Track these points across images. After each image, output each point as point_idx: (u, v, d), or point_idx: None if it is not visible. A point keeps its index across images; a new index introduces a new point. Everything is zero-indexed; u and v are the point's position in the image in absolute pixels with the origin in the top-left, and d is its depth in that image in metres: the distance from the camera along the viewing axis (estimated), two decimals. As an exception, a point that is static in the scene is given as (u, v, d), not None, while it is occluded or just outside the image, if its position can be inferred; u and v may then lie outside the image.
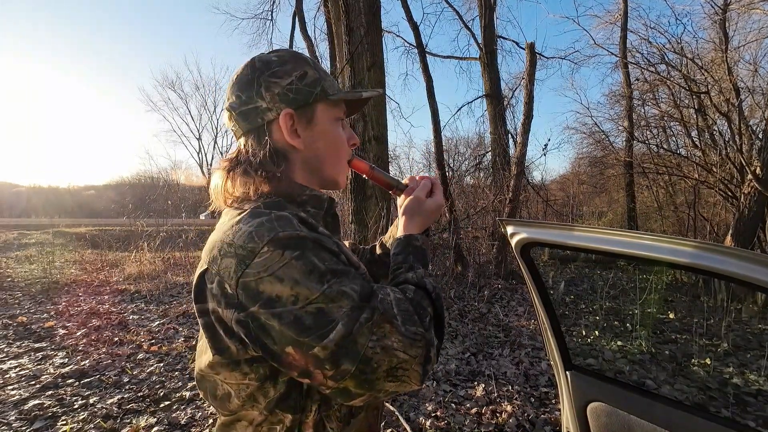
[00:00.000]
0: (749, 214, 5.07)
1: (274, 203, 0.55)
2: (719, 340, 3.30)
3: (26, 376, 2.58)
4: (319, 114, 0.60)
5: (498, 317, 4.02)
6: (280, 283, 0.45)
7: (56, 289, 5.15)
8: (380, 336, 0.47)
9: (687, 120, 7.44)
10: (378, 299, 0.50)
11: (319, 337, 0.45)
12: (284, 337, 0.46)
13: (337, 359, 0.46)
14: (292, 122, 0.58)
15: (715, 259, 0.74)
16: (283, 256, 0.46)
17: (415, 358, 0.49)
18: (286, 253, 0.46)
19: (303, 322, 0.45)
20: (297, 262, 0.46)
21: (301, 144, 0.59)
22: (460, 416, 2.16)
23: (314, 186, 0.64)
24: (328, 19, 6.87)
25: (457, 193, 7.82)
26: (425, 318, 0.53)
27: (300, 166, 0.62)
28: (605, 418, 1.05)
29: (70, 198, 33.71)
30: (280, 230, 0.48)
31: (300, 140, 0.59)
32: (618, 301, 4.54)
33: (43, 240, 10.53)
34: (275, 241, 0.47)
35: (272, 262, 0.46)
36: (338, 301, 0.46)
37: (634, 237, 0.85)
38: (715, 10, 6.30)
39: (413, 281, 0.58)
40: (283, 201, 0.57)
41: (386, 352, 0.47)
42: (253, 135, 0.59)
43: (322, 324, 0.45)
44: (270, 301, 0.45)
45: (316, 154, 0.62)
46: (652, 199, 9.22)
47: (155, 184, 24.82)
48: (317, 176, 0.64)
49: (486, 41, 8.96)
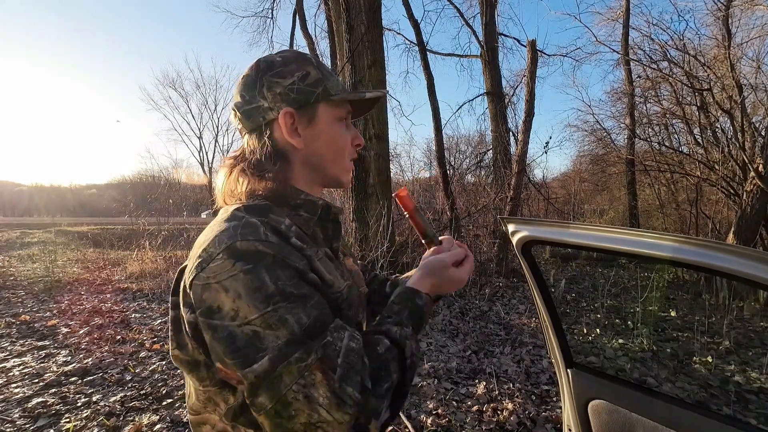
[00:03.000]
0: (751, 212, 5.05)
1: (257, 207, 0.54)
2: (721, 337, 3.29)
3: (30, 374, 2.60)
4: (321, 114, 0.60)
5: (499, 315, 4.02)
6: (225, 294, 0.44)
7: (59, 288, 5.17)
8: (308, 383, 0.42)
9: (689, 117, 7.41)
10: (324, 341, 0.45)
11: (242, 363, 0.43)
12: (214, 351, 0.45)
13: (255, 390, 0.43)
14: (293, 121, 0.58)
15: (717, 256, 0.74)
16: (234, 266, 0.44)
17: (340, 424, 0.42)
18: (237, 264, 0.44)
19: (235, 341, 0.43)
20: (245, 276, 0.44)
21: (301, 143, 0.59)
22: (461, 414, 2.16)
23: (316, 186, 0.64)
24: (329, 17, 6.86)
25: (458, 192, 7.81)
26: (383, 383, 0.47)
27: (300, 165, 0.61)
28: (606, 416, 1.05)
29: (72, 197, 33.80)
30: (239, 239, 0.46)
31: (300, 139, 0.59)
32: (619, 299, 4.54)
33: (45, 239, 10.57)
34: (230, 250, 0.45)
35: (221, 270, 0.44)
36: (276, 329, 0.43)
37: (636, 235, 0.85)
38: (718, 7, 6.27)
39: (394, 336, 0.53)
40: (271, 204, 0.56)
41: (308, 404, 0.42)
42: (256, 134, 0.60)
43: (251, 350, 0.42)
44: (210, 311, 0.44)
45: (318, 153, 0.61)
46: (654, 197, 9.19)
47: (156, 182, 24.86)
48: (319, 175, 0.63)
49: (487, 39, 8.92)
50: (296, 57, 0.60)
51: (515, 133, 8.85)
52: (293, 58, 0.60)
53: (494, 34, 9.09)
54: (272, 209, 0.55)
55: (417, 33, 7.79)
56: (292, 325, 0.43)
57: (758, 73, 6.27)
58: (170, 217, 10.37)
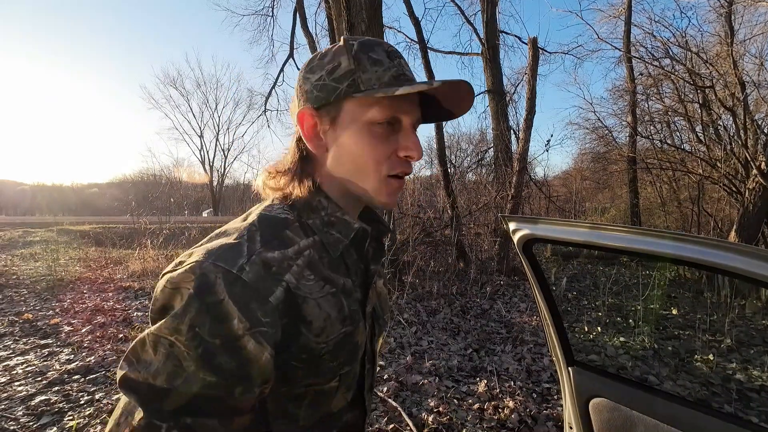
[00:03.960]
0: (754, 210, 5.04)
1: (274, 220, 0.48)
2: (722, 336, 3.29)
3: (33, 372, 2.61)
4: (346, 114, 0.49)
5: (500, 313, 4.03)
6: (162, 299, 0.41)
7: (61, 287, 5.19)
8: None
9: (691, 115, 7.38)
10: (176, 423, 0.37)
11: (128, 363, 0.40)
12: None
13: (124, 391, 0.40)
14: (314, 122, 0.50)
15: (719, 254, 0.73)
16: (185, 282, 0.40)
17: None
18: (188, 283, 0.39)
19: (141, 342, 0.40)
20: (180, 299, 0.39)
21: (322, 148, 0.51)
22: (462, 412, 2.17)
23: (340, 199, 0.53)
24: (329, 15, 6.84)
25: (459, 190, 7.80)
26: None
27: (326, 173, 0.52)
28: (607, 414, 1.05)
29: (74, 196, 33.90)
30: (211, 259, 0.41)
31: (322, 143, 0.51)
32: (620, 297, 4.53)
33: (47, 238, 10.60)
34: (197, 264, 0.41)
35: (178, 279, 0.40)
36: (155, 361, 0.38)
37: (637, 233, 0.85)
38: (721, 3, 6.23)
39: None
40: (295, 216, 0.50)
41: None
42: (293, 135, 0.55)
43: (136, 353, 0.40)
44: (155, 308, 0.42)
45: (340, 162, 0.51)
46: (656, 195, 9.17)
47: (158, 181, 24.91)
48: (341, 188, 0.53)
49: (488, 36, 8.89)
50: (338, 48, 0.50)
51: (516, 131, 8.83)
52: (335, 49, 0.50)
53: (495, 32, 9.05)
54: (291, 225, 0.49)
55: (418, 31, 7.76)
56: (164, 372, 0.37)
57: (761, 70, 6.24)
58: (172, 216, 10.40)
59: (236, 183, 30.01)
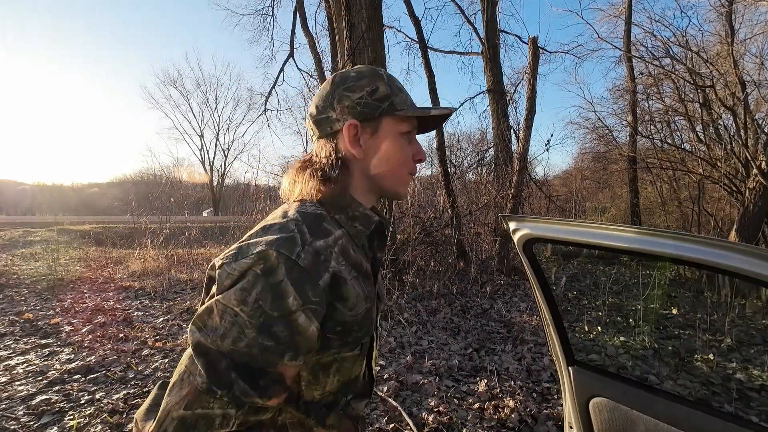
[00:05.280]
0: (754, 209, 5.04)
1: (313, 215, 0.58)
2: (722, 335, 3.29)
3: (33, 372, 2.62)
4: (384, 127, 0.63)
5: (500, 313, 4.03)
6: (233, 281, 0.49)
7: (61, 286, 5.19)
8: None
9: (692, 114, 7.38)
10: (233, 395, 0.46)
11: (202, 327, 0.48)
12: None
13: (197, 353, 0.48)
14: (356, 132, 0.62)
15: (720, 254, 0.73)
16: (254, 265, 0.48)
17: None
18: (255, 266, 0.48)
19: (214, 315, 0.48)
20: (250, 277, 0.48)
21: (361, 153, 0.63)
22: (462, 411, 2.17)
23: (373, 195, 0.67)
24: (329, 15, 6.84)
25: (459, 190, 7.80)
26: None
27: (360, 175, 0.64)
28: (608, 414, 1.05)
29: (74, 196, 33.91)
30: (274, 247, 0.50)
31: (361, 150, 0.63)
32: (621, 297, 4.53)
33: (47, 237, 10.61)
34: (262, 252, 0.49)
35: (251, 261, 0.49)
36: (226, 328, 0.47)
37: (638, 232, 0.85)
38: (722, 3, 6.22)
39: None
40: (327, 211, 0.60)
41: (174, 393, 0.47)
42: (323, 142, 0.65)
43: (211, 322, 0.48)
44: (222, 288, 0.49)
45: (378, 164, 0.64)
46: (656, 195, 9.17)
47: (158, 181, 24.91)
48: (377, 186, 0.66)
49: (488, 36, 8.88)
50: (369, 73, 0.64)
51: (516, 130, 8.82)
52: (367, 73, 0.64)
53: (495, 32, 9.04)
54: (326, 219, 0.59)
55: (418, 30, 7.76)
56: (230, 336, 0.46)
57: (761, 69, 6.23)
58: (172, 216, 10.39)
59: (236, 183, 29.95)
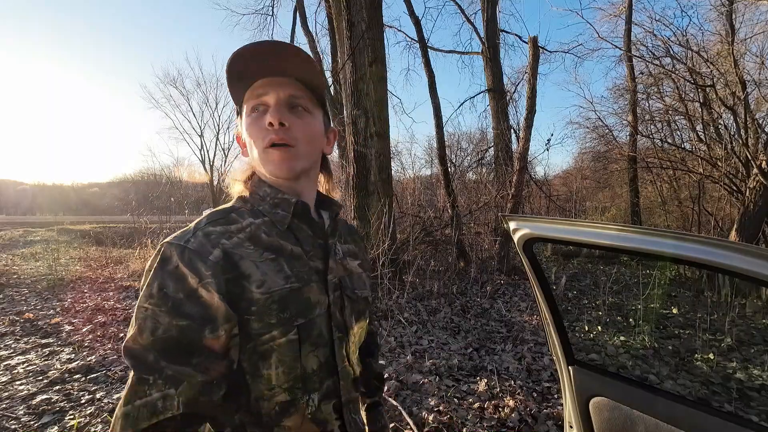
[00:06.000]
0: (754, 209, 5.03)
1: (222, 209, 0.60)
2: (723, 335, 3.29)
3: (34, 372, 2.62)
4: (244, 109, 0.62)
5: (500, 313, 4.03)
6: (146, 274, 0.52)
7: (62, 286, 5.20)
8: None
9: (692, 114, 7.37)
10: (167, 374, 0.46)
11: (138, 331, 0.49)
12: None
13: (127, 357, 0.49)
14: (238, 132, 0.64)
15: (720, 254, 0.73)
16: (154, 260, 0.52)
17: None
18: (155, 260, 0.52)
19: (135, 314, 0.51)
20: (151, 271, 0.51)
21: (245, 144, 0.64)
22: (462, 411, 2.17)
23: (277, 184, 0.63)
24: (329, 14, 6.83)
25: (460, 189, 7.79)
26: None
27: (256, 168, 0.64)
28: (608, 413, 1.05)
29: (75, 195, 33.93)
30: (168, 241, 0.53)
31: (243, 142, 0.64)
32: (621, 297, 4.53)
33: (48, 237, 10.61)
34: (160, 246, 0.53)
35: (152, 259, 0.52)
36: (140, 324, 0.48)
37: (638, 232, 0.85)
38: (722, 2, 6.21)
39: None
40: (243, 204, 0.62)
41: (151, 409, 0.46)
42: None
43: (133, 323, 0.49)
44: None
45: (249, 154, 0.63)
46: (656, 194, 9.16)
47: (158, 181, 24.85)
48: (265, 172, 0.62)
49: (488, 35, 8.88)
50: None
51: (517, 130, 8.82)
52: None
53: (495, 31, 9.04)
54: (236, 211, 0.60)
55: (418, 30, 7.76)
56: (147, 329, 0.48)
57: (762, 69, 6.22)
58: (172, 215, 10.40)
59: (236, 182, 29.79)
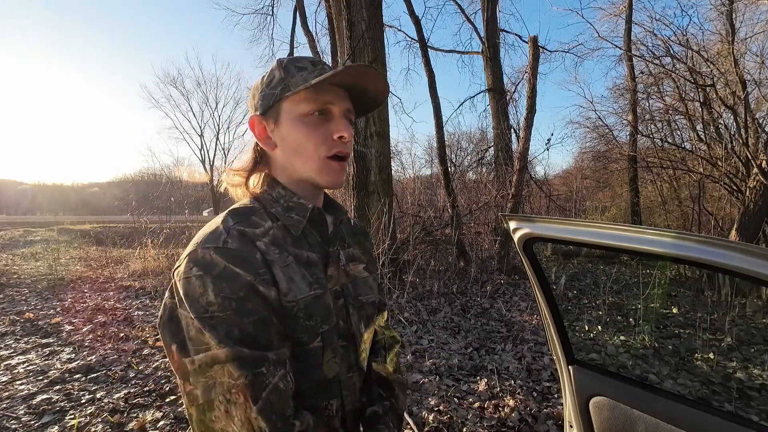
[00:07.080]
0: (754, 209, 5.03)
1: (240, 211, 0.58)
2: (723, 334, 3.29)
3: (34, 372, 2.62)
4: (284, 113, 0.59)
5: (500, 312, 4.03)
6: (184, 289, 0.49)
7: (62, 286, 5.20)
8: (231, 401, 0.47)
9: (692, 113, 7.37)
10: (258, 370, 0.47)
11: (186, 352, 0.48)
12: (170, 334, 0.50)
13: (192, 378, 0.48)
14: (262, 126, 0.61)
15: (720, 253, 0.73)
16: (191, 270, 0.49)
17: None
18: (194, 269, 0.49)
19: (187, 330, 0.48)
20: (195, 281, 0.48)
21: (273, 146, 0.62)
22: (462, 410, 2.17)
23: (306, 185, 0.63)
24: (329, 14, 6.83)
25: (460, 189, 7.79)
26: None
27: (281, 168, 0.63)
28: (608, 413, 1.05)
29: (75, 195, 33.95)
30: (200, 246, 0.51)
31: (272, 143, 0.62)
32: (621, 296, 4.53)
33: (48, 237, 10.61)
34: (191, 254, 0.51)
35: (185, 269, 0.50)
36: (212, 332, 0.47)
37: (638, 232, 0.85)
38: (722, 1, 6.21)
39: None
40: (259, 206, 0.60)
41: (227, 418, 0.47)
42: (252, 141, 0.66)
43: (194, 342, 0.47)
44: (180, 300, 0.49)
45: (286, 153, 0.61)
46: (656, 194, 9.16)
47: (158, 181, 24.87)
48: (293, 176, 0.62)
49: (488, 35, 8.88)
50: (273, 66, 0.62)
51: (517, 129, 8.81)
52: (271, 67, 0.62)
53: (496, 31, 9.04)
54: (256, 212, 0.59)
55: (418, 30, 7.76)
56: (225, 335, 0.47)
57: (762, 68, 6.22)
58: (172, 215, 10.40)
59: (236, 182, 29.79)
